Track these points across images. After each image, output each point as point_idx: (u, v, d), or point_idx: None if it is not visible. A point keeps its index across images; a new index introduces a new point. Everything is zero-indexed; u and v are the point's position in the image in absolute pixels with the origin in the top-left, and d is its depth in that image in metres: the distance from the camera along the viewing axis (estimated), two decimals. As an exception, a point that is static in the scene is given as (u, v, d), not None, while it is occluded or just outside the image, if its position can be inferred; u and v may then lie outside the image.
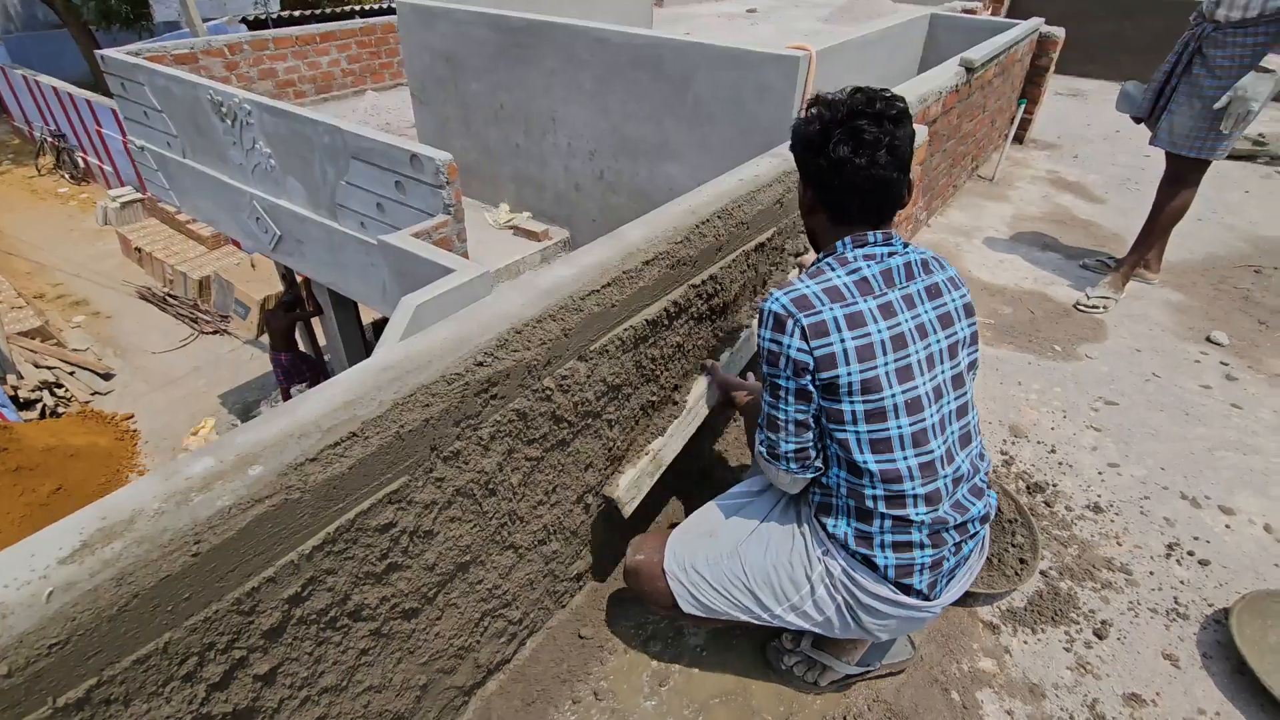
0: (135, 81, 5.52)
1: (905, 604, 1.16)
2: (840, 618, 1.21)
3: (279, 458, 0.87)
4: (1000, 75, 4.17)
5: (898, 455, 1.09)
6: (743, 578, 1.24)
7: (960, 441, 1.17)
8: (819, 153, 1.11)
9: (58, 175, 13.03)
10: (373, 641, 1.09)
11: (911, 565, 1.14)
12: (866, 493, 1.12)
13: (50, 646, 0.69)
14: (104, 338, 9.48)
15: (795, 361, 1.08)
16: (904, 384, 1.08)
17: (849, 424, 1.09)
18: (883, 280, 1.12)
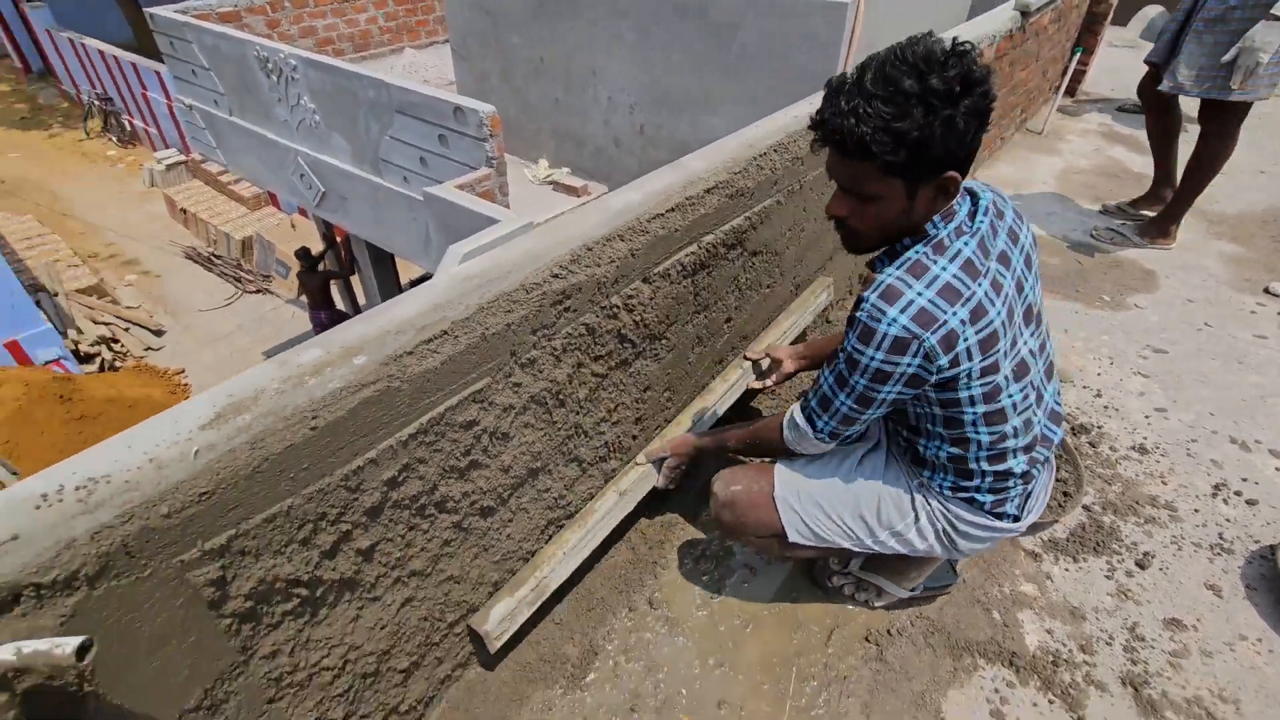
0: (183, 39, 5.62)
1: (999, 528, 1.22)
2: (938, 543, 1.26)
3: (380, 350, 0.94)
4: (1056, 22, 4.03)
5: (1008, 425, 1.09)
6: (854, 503, 1.26)
7: (1046, 376, 1.18)
8: (981, 129, 0.95)
9: (106, 138, 13.35)
10: (454, 534, 1.18)
11: (1006, 499, 1.19)
12: (970, 457, 1.14)
13: (200, 495, 0.77)
14: (154, 296, 9.80)
15: (911, 378, 1.02)
16: (1013, 353, 1.05)
17: (966, 406, 1.06)
18: (981, 254, 1.02)
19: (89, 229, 11.04)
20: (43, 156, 13.09)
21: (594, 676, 1.42)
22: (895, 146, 0.92)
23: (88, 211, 11.48)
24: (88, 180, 12.35)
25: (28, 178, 12.27)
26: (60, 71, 14.20)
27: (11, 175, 12.28)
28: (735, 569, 1.64)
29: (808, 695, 1.40)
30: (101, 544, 0.71)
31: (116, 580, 0.73)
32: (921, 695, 1.40)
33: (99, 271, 9.95)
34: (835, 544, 1.29)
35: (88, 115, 13.45)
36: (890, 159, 0.93)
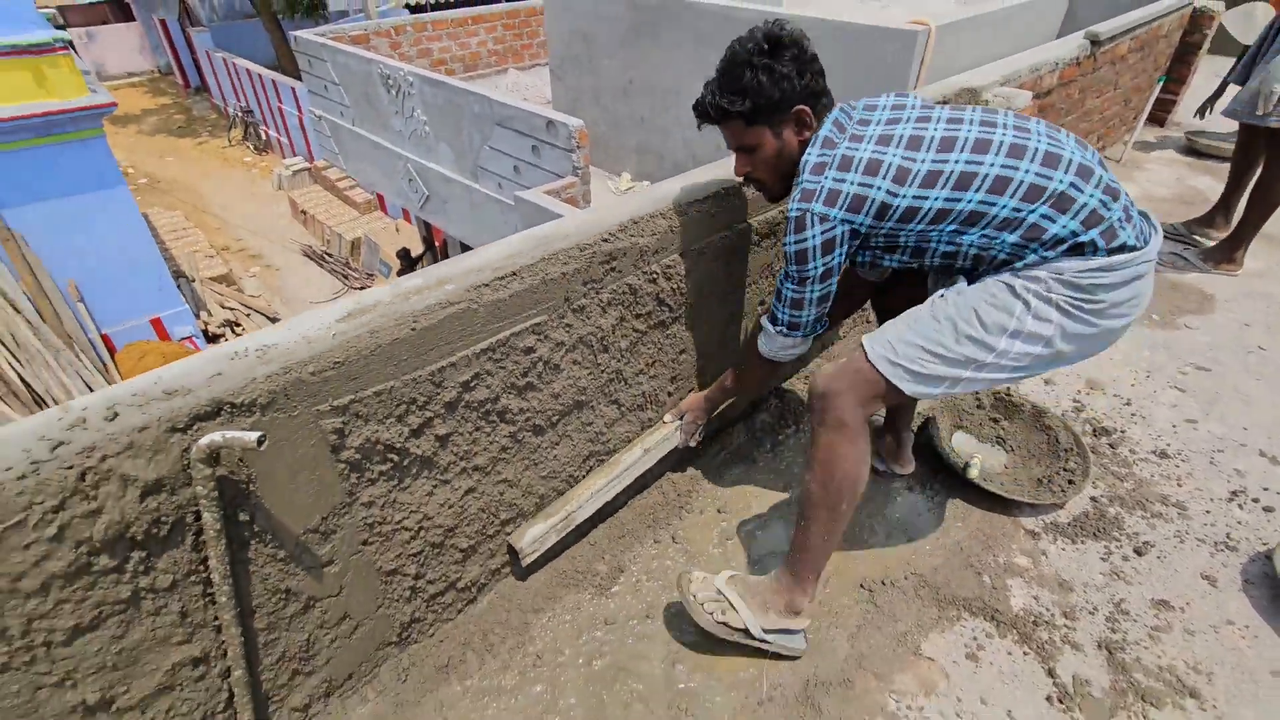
0: (320, 58, 6.37)
1: (1129, 261, 1.19)
2: (1073, 321, 1.22)
3: (464, 281, 1.25)
4: (1138, 51, 4.03)
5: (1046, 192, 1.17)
6: (952, 327, 1.25)
7: (1078, 173, 1.19)
8: (804, 72, 1.28)
9: (244, 146, 14.91)
10: (510, 443, 1.47)
11: (1112, 226, 1.18)
12: (1037, 221, 1.18)
13: (334, 364, 1.10)
14: (273, 287, 10.84)
15: (850, 234, 1.26)
16: (959, 170, 1.20)
17: (966, 199, 1.20)
18: (861, 127, 1.30)
19: (224, 225, 12.34)
20: (192, 161, 14.73)
21: (618, 589, 1.68)
22: (736, 99, 1.29)
23: (224, 210, 12.83)
24: (226, 182, 13.82)
25: (179, 179, 13.83)
26: (213, 87, 15.99)
27: (166, 176, 13.88)
28: (750, 520, 1.86)
29: (801, 623, 1.59)
30: (270, 384, 1.04)
31: (277, 413, 1.06)
32: (904, 635, 1.57)
33: (229, 262, 11.10)
34: (959, 379, 1.27)
35: (231, 125, 15.07)
36: (740, 109, 1.29)
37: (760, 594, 1.47)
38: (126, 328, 8.02)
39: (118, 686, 1.04)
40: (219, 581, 1.07)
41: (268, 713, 1.28)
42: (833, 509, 1.35)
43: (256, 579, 1.15)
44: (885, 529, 1.82)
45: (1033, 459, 2.00)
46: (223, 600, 1.09)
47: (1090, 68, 3.41)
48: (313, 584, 1.24)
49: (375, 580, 1.34)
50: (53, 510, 0.88)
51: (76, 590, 0.94)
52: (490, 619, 1.59)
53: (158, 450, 0.95)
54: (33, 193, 6.89)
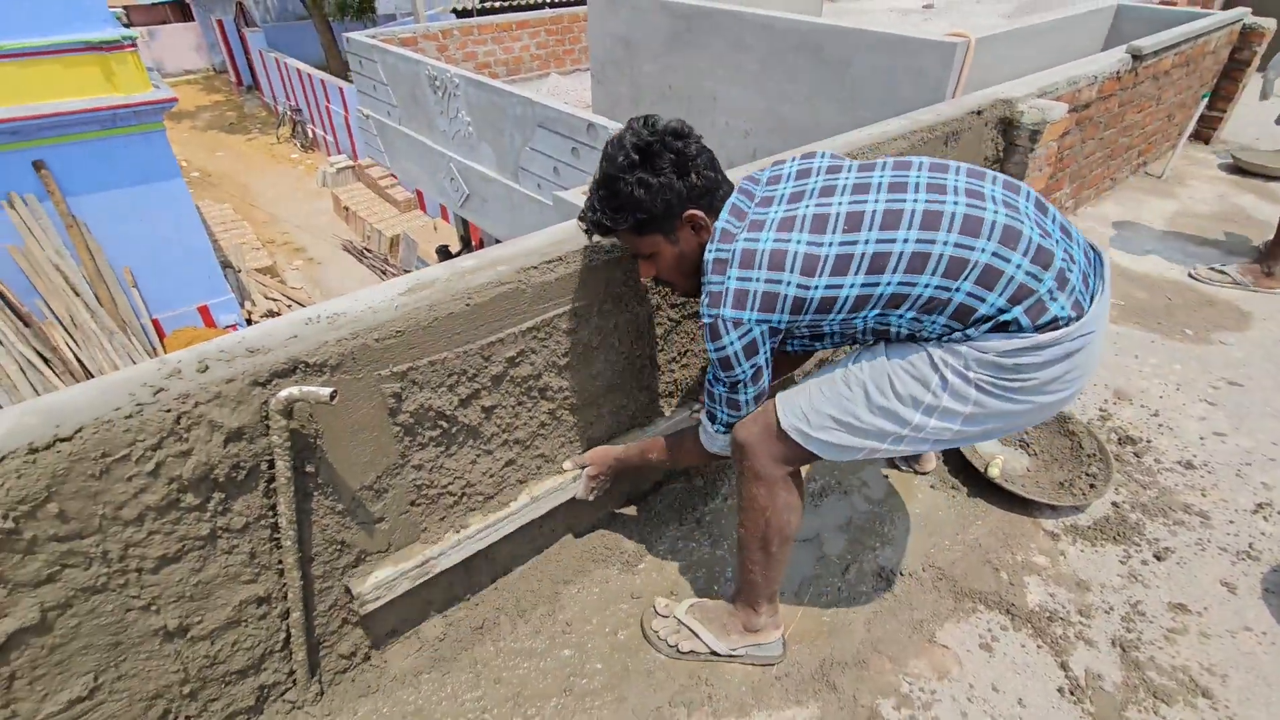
0: (370, 59, 6.60)
1: (1059, 337, 1.08)
2: (993, 399, 1.13)
3: (514, 263, 1.35)
4: (1183, 67, 4.01)
5: (937, 245, 1.06)
6: (864, 396, 1.19)
7: (1007, 243, 1.06)
8: (685, 173, 1.17)
9: (292, 143, 15.40)
10: (548, 419, 1.56)
11: (1040, 301, 1.07)
12: (963, 304, 1.08)
13: (395, 332, 1.20)
14: (314, 280, 11.17)
15: (771, 332, 1.15)
16: (872, 252, 1.09)
17: (890, 282, 1.08)
18: (764, 210, 1.19)
19: (270, 219, 12.75)
20: (241, 156, 15.25)
21: (644, 565, 1.75)
22: (620, 216, 1.19)
23: (270, 204, 13.26)
24: (274, 178, 14.28)
25: (229, 173, 14.34)
26: (264, 85, 16.54)
27: (217, 170, 14.40)
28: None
29: (820, 606, 1.65)
30: (340, 347, 1.14)
31: (344, 374, 1.16)
32: (920, 623, 1.62)
33: (274, 255, 11.47)
34: (876, 450, 1.22)
35: (280, 123, 15.56)
36: (625, 225, 1.20)
37: (719, 618, 1.53)
38: (176, 314, 8.35)
39: (193, 616, 1.15)
40: (285, 527, 1.18)
41: (318, 656, 1.39)
42: (763, 550, 1.37)
43: (317, 528, 1.25)
44: (905, 522, 1.87)
45: (1055, 463, 2.03)
46: (287, 545, 1.19)
47: (1131, 82, 3.41)
48: (364, 538, 1.34)
49: (420, 540, 1.44)
50: (151, 448, 1.00)
51: (165, 523, 1.06)
52: (523, 587, 1.68)
53: (241, 401, 1.06)
54: (96, 182, 7.24)
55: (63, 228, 7.11)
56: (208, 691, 1.23)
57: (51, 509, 0.94)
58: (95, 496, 0.97)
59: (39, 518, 0.93)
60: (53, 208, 6.99)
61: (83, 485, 0.96)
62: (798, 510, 1.35)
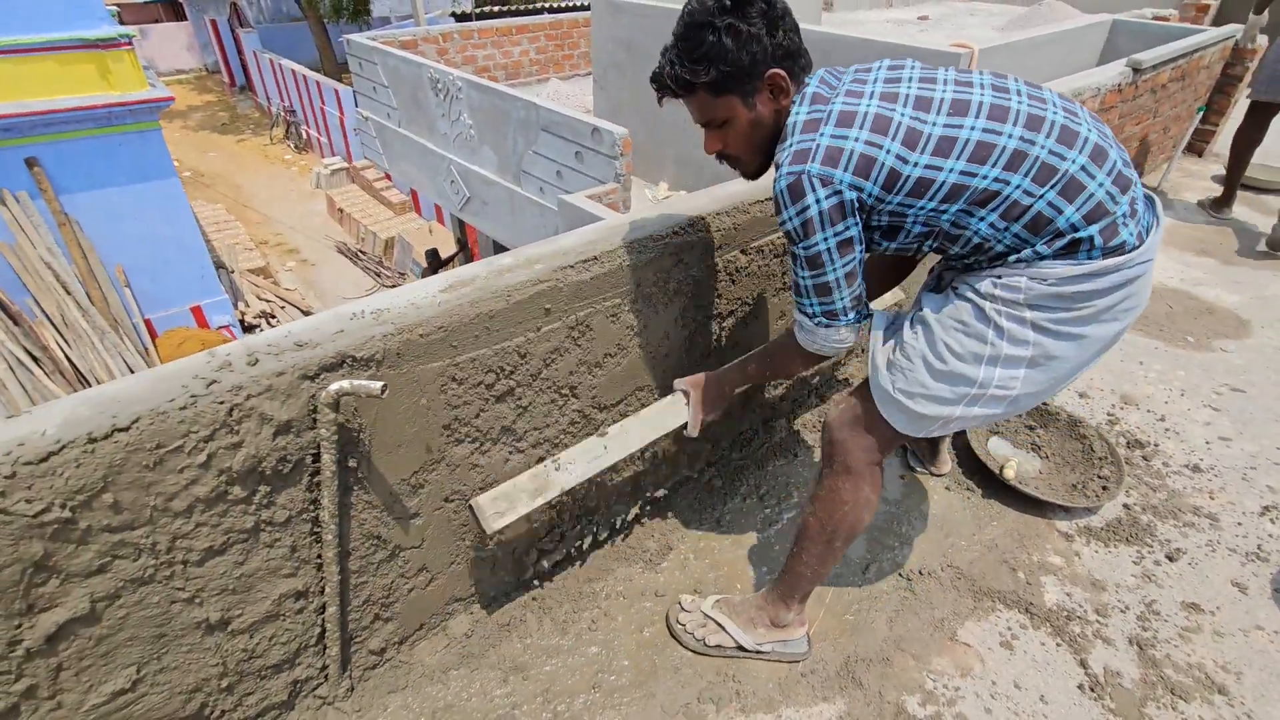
0: (370, 61, 6.59)
1: (1121, 264, 1.07)
2: (1051, 339, 1.12)
3: (551, 262, 1.36)
4: (1179, 81, 4.09)
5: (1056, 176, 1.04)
6: (926, 361, 1.18)
7: (1092, 158, 1.06)
8: (775, 29, 1.10)
9: (285, 144, 15.32)
10: (578, 417, 1.57)
11: (1115, 223, 1.06)
12: (1042, 209, 1.05)
13: (438, 328, 1.21)
14: (308, 281, 11.12)
15: (856, 204, 1.07)
16: (976, 137, 1.05)
17: (978, 175, 1.05)
18: (860, 84, 1.13)
19: (263, 220, 12.67)
20: (234, 157, 15.15)
21: (666, 564, 1.77)
22: (702, 68, 1.09)
23: (264, 205, 13.18)
24: (267, 179, 14.20)
25: (221, 173, 14.24)
26: (258, 86, 16.45)
27: (209, 170, 14.30)
28: (791, 508, 1.94)
29: (843, 604, 1.67)
30: (386, 342, 1.15)
31: (389, 369, 1.17)
32: (941, 621, 1.64)
33: (267, 256, 11.40)
34: (953, 417, 1.20)
35: (274, 124, 15.48)
36: (706, 80, 1.10)
37: (745, 612, 1.54)
38: (169, 314, 8.27)
39: (234, 609, 1.15)
40: (327, 520, 1.18)
41: (350, 652, 1.39)
42: (827, 545, 1.38)
43: (355, 523, 1.26)
44: (923, 523, 1.90)
45: (1067, 466, 2.06)
46: (328, 539, 1.20)
47: (1131, 95, 3.48)
48: (400, 533, 1.34)
49: (452, 537, 1.45)
50: (204, 440, 1.00)
51: (213, 515, 1.06)
52: (548, 585, 1.68)
53: (290, 394, 1.07)
54: (90, 180, 7.18)
55: (55, 226, 7.04)
56: (244, 685, 1.23)
57: (107, 499, 0.94)
58: (148, 488, 0.98)
59: (94, 508, 0.94)
60: (45, 205, 6.92)
61: (137, 476, 0.96)
62: (873, 509, 1.36)
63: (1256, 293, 3.14)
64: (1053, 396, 1.34)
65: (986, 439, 2.16)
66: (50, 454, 0.88)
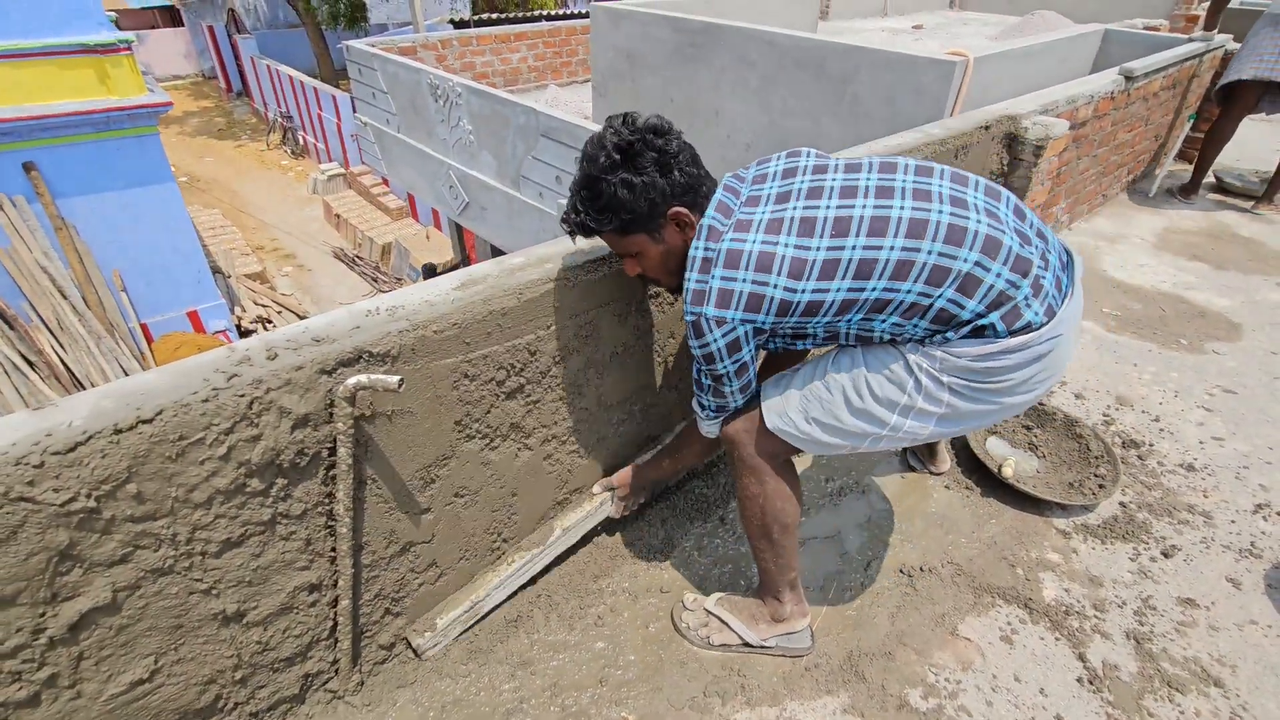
0: (370, 67, 6.63)
1: (1029, 342, 1.13)
2: (964, 401, 1.19)
3: (562, 261, 1.39)
4: (1169, 89, 4.16)
5: (922, 253, 1.09)
6: (846, 395, 1.23)
7: (983, 250, 1.10)
8: (668, 170, 1.17)
9: (282, 150, 15.33)
10: (584, 415, 1.60)
11: (1016, 306, 1.11)
12: (935, 304, 1.11)
13: (451, 324, 1.23)
14: (304, 286, 11.11)
15: (754, 332, 1.16)
16: (857, 256, 1.11)
17: (875, 288, 1.11)
18: (752, 210, 1.19)
19: (260, 225, 12.67)
20: (231, 162, 15.16)
21: (671, 561, 1.79)
22: (605, 218, 1.18)
23: (260, 210, 13.18)
24: (263, 184, 14.20)
25: (217, 179, 14.24)
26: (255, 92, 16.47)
27: (206, 176, 14.29)
28: (795, 506, 1.96)
29: (845, 599, 1.70)
30: (402, 339, 1.17)
31: (404, 365, 1.20)
32: (942, 616, 1.67)
33: (263, 261, 11.39)
34: (853, 448, 1.29)
35: (270, 130, 15.50)
36: (610, 226, 1.19)
37: (748, 608, 1.57)
38: (165, 318, 8.27)
39: (249, 601, 1.17)
40: (342, 514, 1.20)
41: (360, 646, 1.40)
42: (767, 538, 1.42)
43: (369, 517, 1.28)
44: (924, 521, 1.92)
45: (1064, 465, 2.09)
46: (342, 532, 1.22)
47: (1124, 102, 3.54)
48: (411, 528, 1.36)
49: (461, 533, 1.47)
50: (225, 432, 1.02)
51: (231, 507, 1.08)
52: (554, 581, 1.70)
53: (309, 388, 1.09)
54: (88, 185, 7.18)
55: (51, 230, 7.03)
56: (257, 678, 1.25)
57: (130, 489, 0.96)
58: (170, 479, 0.99)
59: (118, 498, 0.95)
60: (42, 210, 6.92)
61: (160, 467, 0.98)
62: (791, 498, 1.39)
63: (1247, 297, 3.19)
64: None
65: (985, 439, 2.19)
66: (77, 444, 0.90)
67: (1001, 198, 1.18)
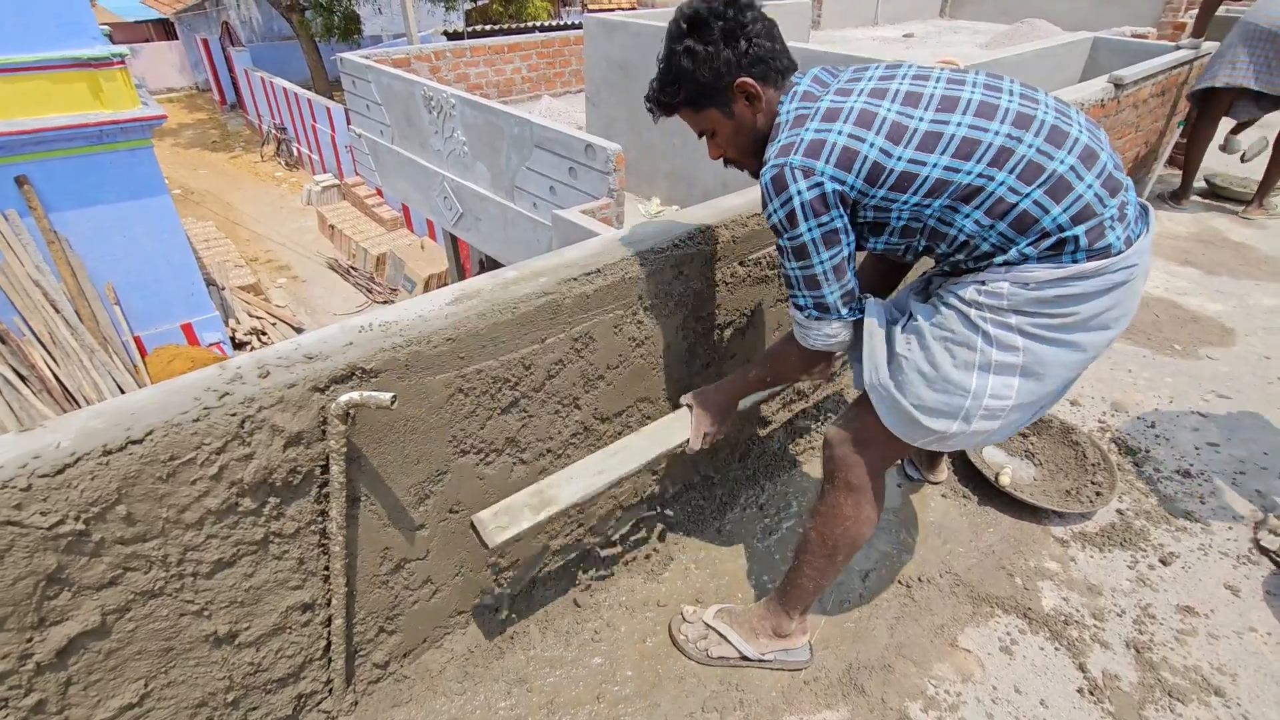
0: (364, 79, 6.64)
1: (1104, 268, 1.07)
2: (1040, 344, 1.13)
3: (556, 274, 1.38)
4: (1159, 96, 4.19)
5: (1041, 178, 1.05)
6: (921, 375, 1.17)
7: (1082, 161, 1.07)
8: (733, 41, 1.14)
9: (276, 162, 15.33)
10: (579, 429, 1.59)
11: (1101, 224, 1.07)
12: (1028, 209, 1.06)
13: (446, 339, 1.22)
14: (299, 297, 11.08)
15: (839, 196, 1.09)
16: (963, 135, 1.07)
17: (960, 172, 1.06)
18: (854, 83, 1.15)
19: (254, 236, 12.64)
20: (225, 174, 15.14)
21: (667, 574, 1.78)
22: (672, 90, 1.20)
23: (254, 222, 13.16)
24: (258, 196, 14.19)
25: (211, 190, 14.22)
26: (249, 104, 16.48)
27: (199, 188, 14.27)
28: (790, 517, 1.96)
29: (844, 611, 1.69)
30: (395, 354, 1.17)
31: (399, 380, 1.19)
32: (941, 627, 1.66)
33: (257, 273, 11.37)
34: (948, 433, 1.19)
35: (265, 141, 15.51)
36: (680, 100, 1.21)
37: (748, 621, 1.55)
38: (159, 331, 8.23)
39: (242, 622, 1.15)
40: (335, 532, 1.19)
41: (354, 665, 1.39)
42: (828, 559, 1.39)
43: (362, 534, 1.26)
44: (921, 531, 1.92)
45: (1061, 472, 2.09)
46: (336, 550, 1.20)
47: (1114, 109, 3.57)
48: (405, 545, 1.35)
49: (456, 549, 1.46)
50: (216, 451, 1.01)
51: (223, 527, 1.06)
52: (550, 596, 1.69)
53: (301, 406, 1.08)
54: (81, 198, 7.16)
55: (43, 244, 7.01)
56: (249, 700, 1.23)
57: (120, 511, 0.95)
58: (161, 500, 0.98)
59: (108, 520, 0.94)
60: (34, 223, 6.89)
61: (150, 488, 0.97)
62: (874, 524, 1.37)
63: (1239, 302, 3.21)
64: (1046, 411, 1.34)
65: (982, 447, 2.19)
66: (65, 466, 0.89)
67: (1101, 131, 1.16)
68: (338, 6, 15.22)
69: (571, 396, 1.52)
